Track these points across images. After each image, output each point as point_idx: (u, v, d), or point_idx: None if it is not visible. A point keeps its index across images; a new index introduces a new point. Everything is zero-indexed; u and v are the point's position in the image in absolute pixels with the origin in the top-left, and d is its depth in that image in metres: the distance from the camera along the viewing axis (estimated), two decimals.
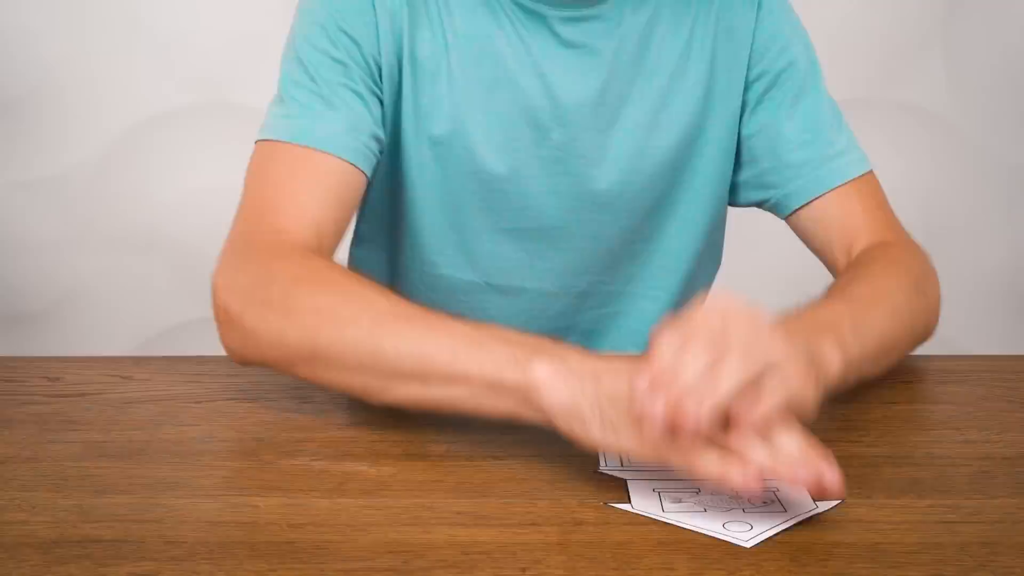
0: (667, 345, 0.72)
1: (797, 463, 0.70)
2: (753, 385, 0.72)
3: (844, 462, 0.81)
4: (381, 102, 1.07)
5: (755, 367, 0.72)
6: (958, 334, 1.07)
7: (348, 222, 1.03)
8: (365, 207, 1.17)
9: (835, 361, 0.82)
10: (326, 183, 1.00)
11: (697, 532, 0.71)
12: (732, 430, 0.72)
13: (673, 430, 0.70)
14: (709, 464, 0.71)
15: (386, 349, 0.83)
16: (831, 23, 2.16)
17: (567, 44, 1.08)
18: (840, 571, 0.66)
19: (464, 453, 0.83)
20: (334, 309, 0.86)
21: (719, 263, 1.24)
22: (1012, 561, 0.67)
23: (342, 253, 1.22)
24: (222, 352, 1.05)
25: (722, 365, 0.71)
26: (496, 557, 0.67)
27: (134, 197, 2.20)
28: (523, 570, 0.66)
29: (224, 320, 0.92)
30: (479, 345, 0.80)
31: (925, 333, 1.03)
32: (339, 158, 1.01)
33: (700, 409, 0.69)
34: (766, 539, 0.70)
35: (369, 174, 1.05)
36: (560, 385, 0.76)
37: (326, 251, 0.99)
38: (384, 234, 1.17)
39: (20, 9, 2.13)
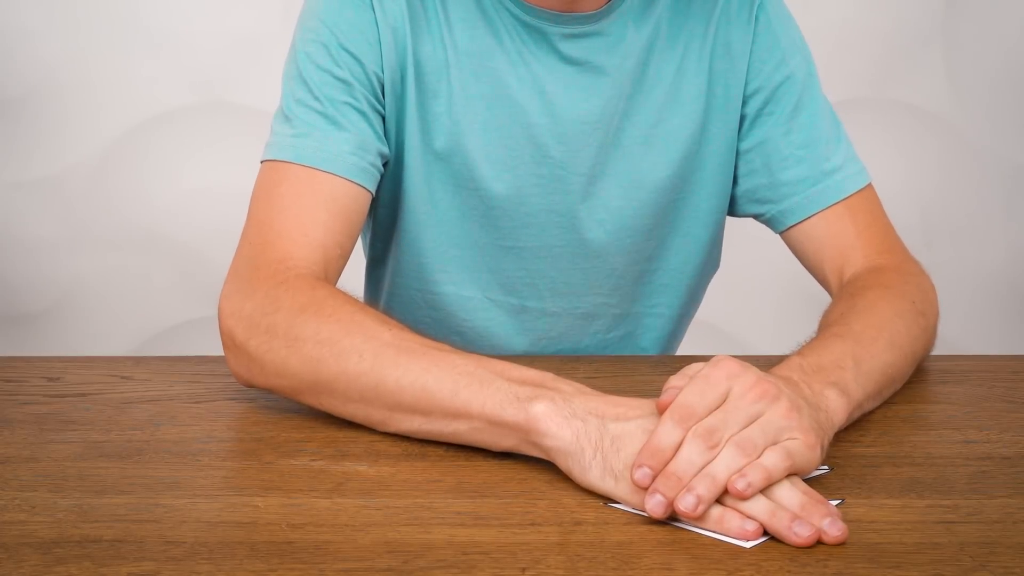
0: (665, 431, 0.73)
1: (796, 520, 0.70)
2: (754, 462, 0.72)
3: (844, 462, 0.81)
4: (384, 117, 1.07)
5: (753, 453, 0.72)
6: (958, 334, 1.07)
7: (354, 243, 1.03)
8: (376, 226, 1.16)
9: (839, 410, 0.82)
10: (332, 206, 0.99)
11: (697, 532, 0.71)
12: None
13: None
14: (707, 518, 0.71)
15: (387, 382, 0.83)
16: (831, 23, 2.17)
17: (568, 61, 1.08)
18: (840, 571, 0.66)
19: (464, 453, 0.83)
20: (337, 340, 0.86)
21: (718, 267, 1.24)
22: (1011, 561, 0.67)
23: (359, 275, 1.22)
24: (221, 352, 1.05)
25: (720, 457, 0.72)
26: (496, 557, 0.67)
27: (133, 197, 2.20)
28: (523, 570, 0.66)
29: (230, 346, 0.93)
30: (481, 382, 0.80)
31: (924, 353, 1.03)
32: (345, 179, 1.01)
33: (697, 507, 0.70)
34: (766, 539, 0.70)
35: (374, 192, 1.04)
36: (562, 425, 0.76)
37: (332, 275, 0.99)
38: (389, 251, 1.17)
39: (20, 9, 2.14)
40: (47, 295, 2.23)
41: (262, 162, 1.03)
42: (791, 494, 0.71)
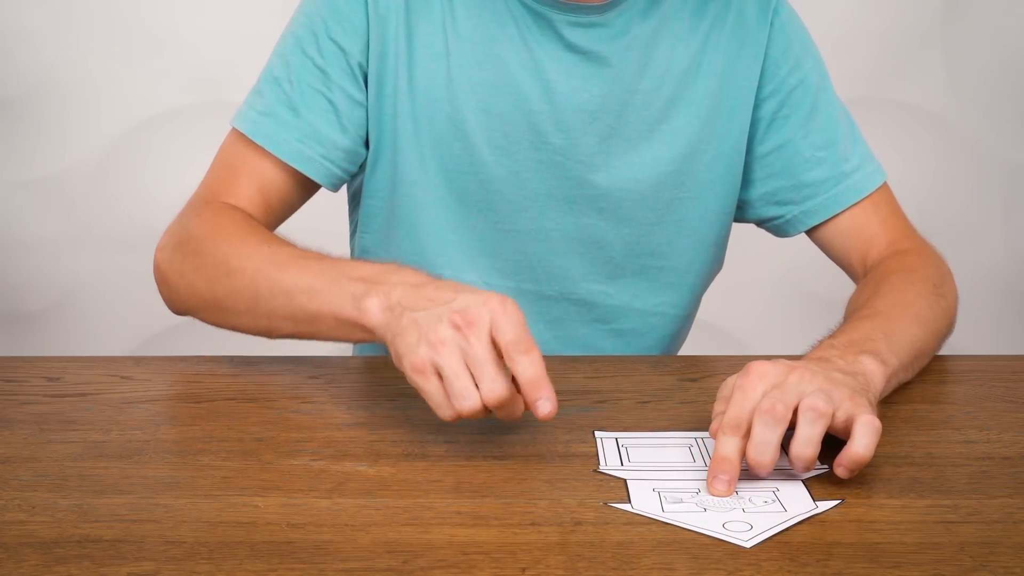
0: (723, 442, 0.77)
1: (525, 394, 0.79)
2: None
3: None
4: (366, 108, 1.10)
5: (829, 408, 0.77)
6: (958, 334, 1.08)
7: (276, 218, 1.11)
8: (368, 217, 1.17)
9: (876, 372, 0.87)
10: (260, 182, 1.08)
11: (697, 532, 0.71)
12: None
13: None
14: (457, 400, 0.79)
15: (263, 293, 0.94)
16: (831, 23, 2.16)
17: (572, 49, 1.09)
18: (840, 571, 0.66)
19: (464, 453, 0.83)
20: (228, 260, 0.98)
21: (720, 268, 1.25)
22: (1011, 561, 0.67)
23: None
24: (222, 352, 1.05)
25: (801, 427, 0.77)
26: (496, 557, 0.67)
27: (133, 197, 2.20)
28: (523, 570, 0.66)
29: (158, 278, 1.06)
30: (329, 283, 0.90)
31: (948, 333, 1.06)
32: (284, 163, 1.08)
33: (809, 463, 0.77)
34: (766, 539, 0.70)
35: (324, 182, 1.10)
36: (381, 319, 0.86)
37: None
38: (390, 239, 1.17)
39: (20, 9, 2.13)
40: (47, 295, 2.23)
41: (231, 124, 1.11)
42: (528, 368, 0.78)
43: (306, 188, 1.11)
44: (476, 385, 0.78)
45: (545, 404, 0.78)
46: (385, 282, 0.88)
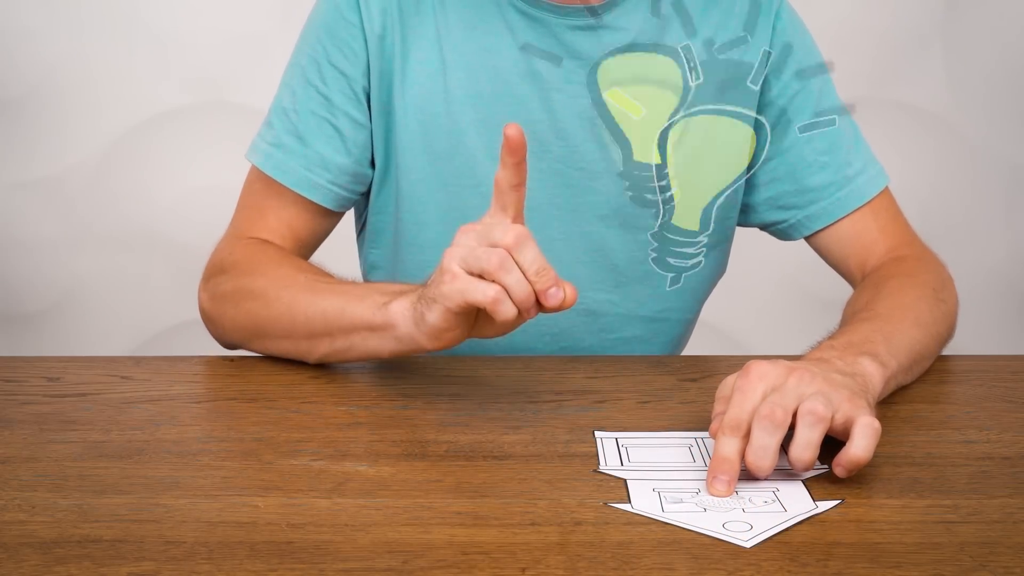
0: (724, 443, 0.77)
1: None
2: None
3: None
4: (370, 131, 1.11)
5: (828, 411, 0.78)
6: (958, 334, 1.08)
7: (307, 249, 1.15)
8: (375, 234, 1.17)
9: (875, 374, 0.87)
10: (286, 217, 1.11)
11: (697, 532, 0.71)
12: None
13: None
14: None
15: (299, 317, 0.98)
16: (830, 23, 2.16)
17: (572, 55, 1.08)
18: (840, 571, 0.66)
19: (464, 453, 0.83)
20: (266, 292, 1.02)
21: (723, 272, 1.24)
22: (1011, 561, 0.67)
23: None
24: (221, 352, 1.05)
25: (800, 432, 0.77)
26: (496, 557, 0.67)
27: (134, 197, 2.20)
28: (523, 570, 0.66)
29: (204, 319, 1.10)
30: (360, 298, 0.94)
31: (948, 337, 1.06)
32: (298, 194, 1.10)
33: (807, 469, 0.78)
34: (766, 539, 0.70)
35: (333, 207, 1.12)
36: (408, 314, 0.89)
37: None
38: (392, 256, 1.17)
39: (20, 9, 2.13)
40: (47, 295, 2.23)
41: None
42: (532, 258, 0.84)
43: (325, 214, 1.12)
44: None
45: (557, 292, 0.84)
46: (412, 290, 0.91)
